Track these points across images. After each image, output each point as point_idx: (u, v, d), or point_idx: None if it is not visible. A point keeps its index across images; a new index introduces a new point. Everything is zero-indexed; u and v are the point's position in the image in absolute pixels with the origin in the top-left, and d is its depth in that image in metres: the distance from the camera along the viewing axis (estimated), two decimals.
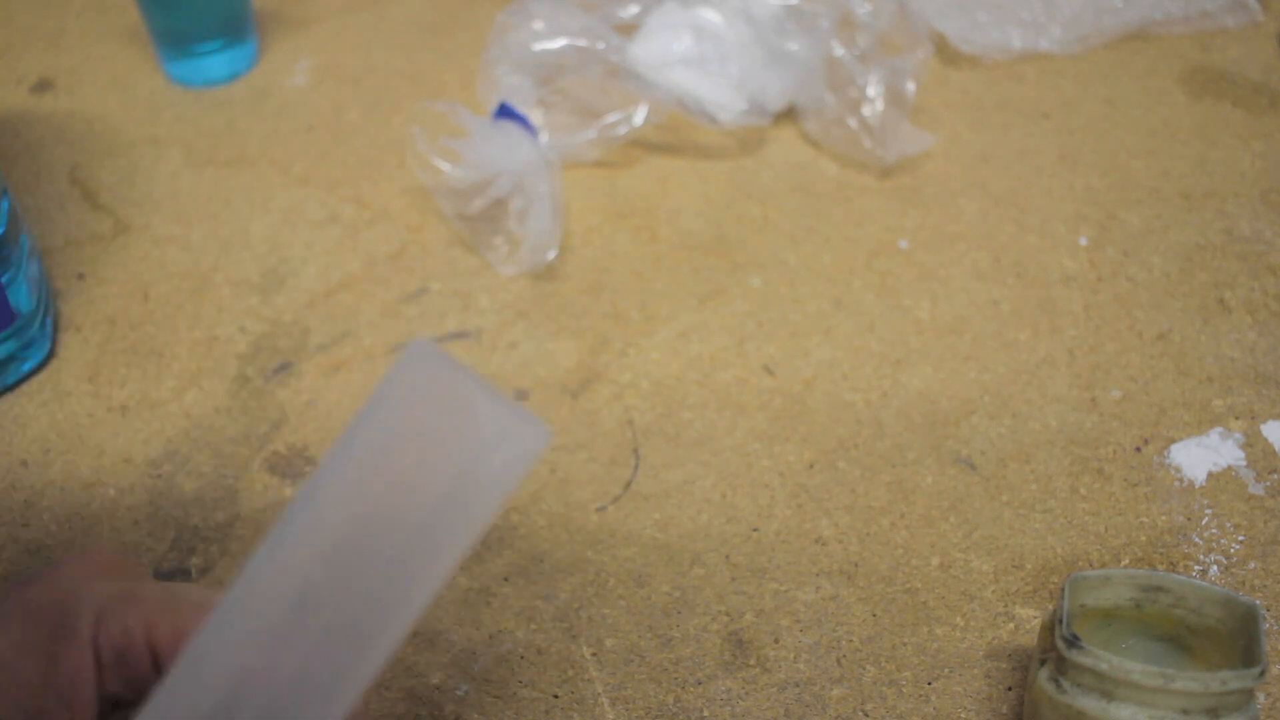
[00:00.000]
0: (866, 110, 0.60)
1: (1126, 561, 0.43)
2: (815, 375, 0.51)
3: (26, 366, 0.51)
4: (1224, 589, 0.36)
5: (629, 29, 0.63)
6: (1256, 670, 0.33)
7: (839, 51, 0.61)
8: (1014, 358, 0.51)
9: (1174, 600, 0.37)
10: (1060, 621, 0.35)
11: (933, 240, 0.57)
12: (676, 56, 0.60)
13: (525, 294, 0.54)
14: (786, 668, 0.40)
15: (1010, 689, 0.40)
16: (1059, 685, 0.35)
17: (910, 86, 0.61)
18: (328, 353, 0.52)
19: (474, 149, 0.55)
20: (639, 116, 0.59)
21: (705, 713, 0.39)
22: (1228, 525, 0.44)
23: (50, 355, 0.52)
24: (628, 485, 0.46)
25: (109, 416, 0.50)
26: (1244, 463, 0.47)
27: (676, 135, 0.63)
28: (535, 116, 0.58)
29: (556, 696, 0.40)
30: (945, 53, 0.68)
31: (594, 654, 0.41)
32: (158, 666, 0.29)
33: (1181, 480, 0.46)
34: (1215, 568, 0.43)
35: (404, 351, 0.23)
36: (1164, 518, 0.45)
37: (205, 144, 0.64)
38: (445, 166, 0.55)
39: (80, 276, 0.56)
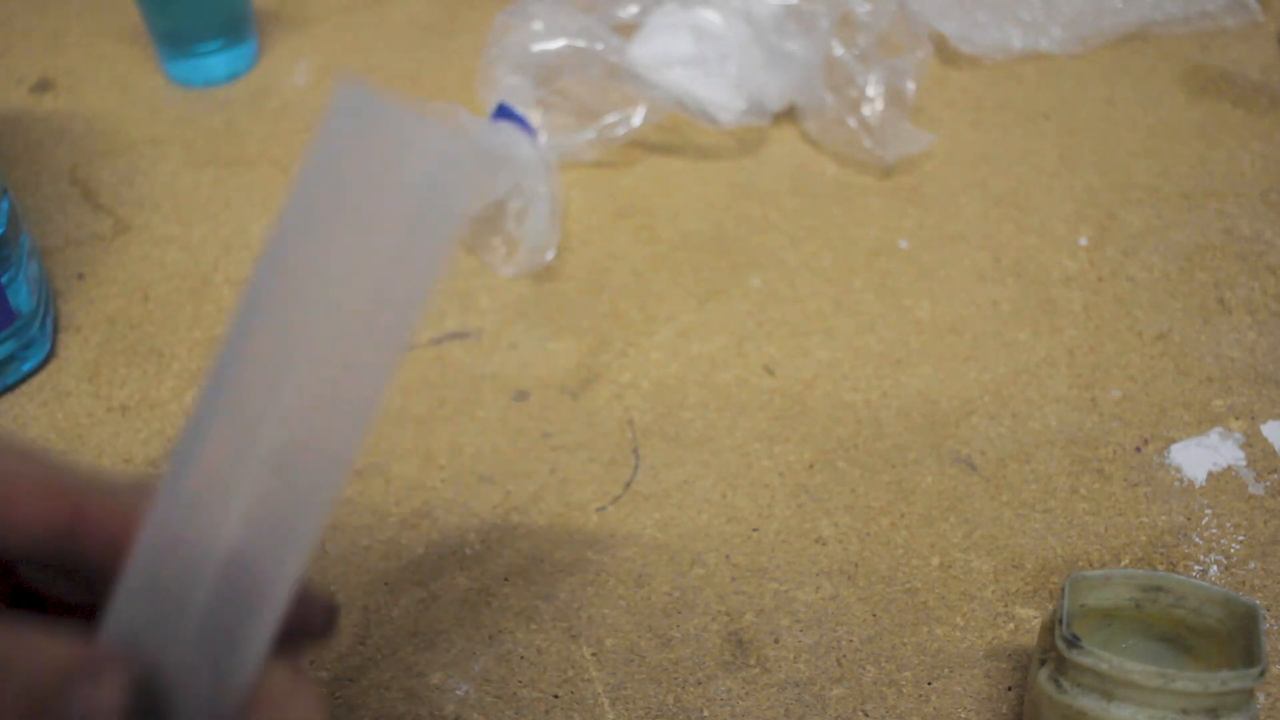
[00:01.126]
0: (866, 110, 0.60)
1: (1126, 561, 0.43)
2: (815, 375, 0.51)
3: (26, 366, 0.51)
4: (1224, 589, 0.36)
5: (628, 29, 0.63)
6: (1256, 670, 0.33)
7: (839, 51, 0.61)
8: (1014, 358, 0.51)
9: (1174, 600, 0.36)
10: (1060, 621, 0.35)
11: (933, 240, 0.57)
12: (676, 57, 0.60)
13: (525, 294, 0.54)
14: (786, 668, 0.40)
15: (1010, 689, 0.40)
16: (1059, 685, 0.35)
17: (910, 86, 0.61)
18: None
19: None
20: (638, 117, 0.59)
21: (705, 713, 0.39)
22: (1228, 525, 0.44)
23: (50, 355, 0.52)
24: (628, 485, 0.46)
25: (109, 416, 0.50)
26: (1244, 463, 0.47)
27: (676, 135, 0.63)
28: (534, 117, 0.58)
29: (556, 696, 0.40)
30: (945, 53, 0.68)
31: (594, 654, 0.41)
32: None
33: (1181, 480, 0.46)
34: (1215, 568, 0.43)
35: (330, 101, 0.22)
36: (1164, 518, 0.45)
37: (205, 144, 0.64)
38: None
39: (80, 276, 0.56)
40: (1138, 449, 0.47)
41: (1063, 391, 0.50)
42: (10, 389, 0.51)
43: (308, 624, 0.26)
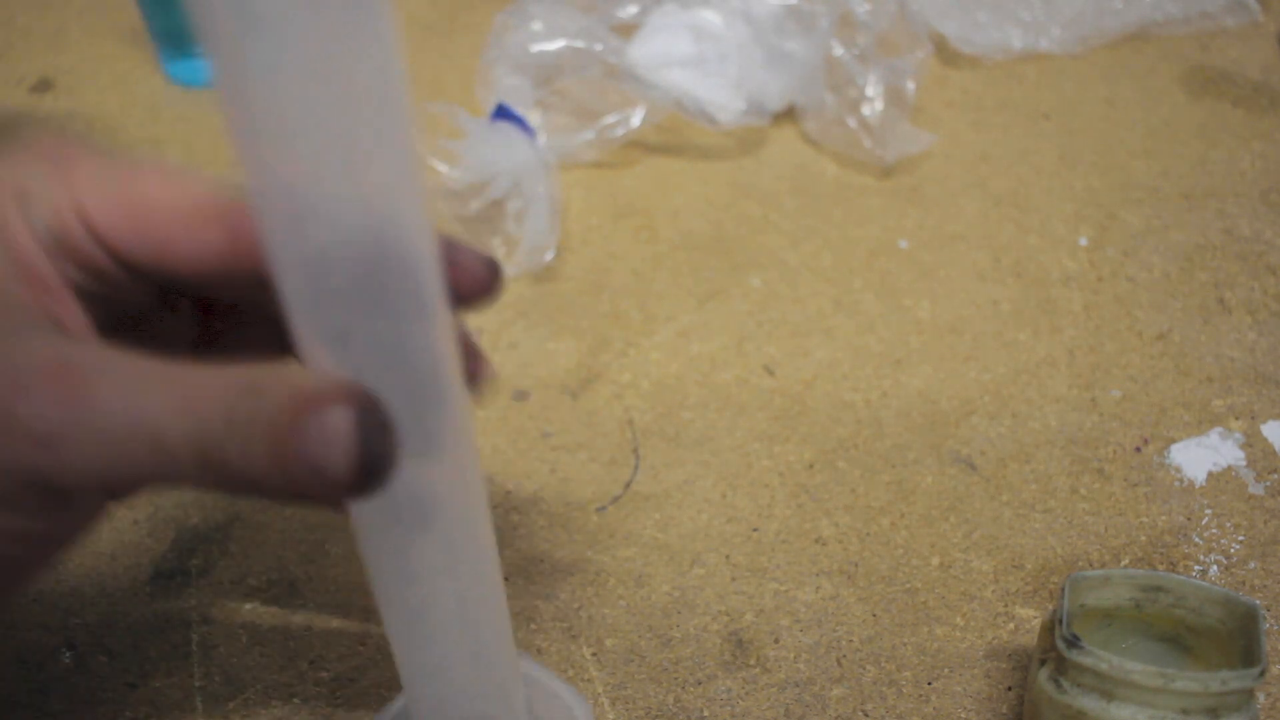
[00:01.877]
0: (866, 110, 0.60)
1: (1126, 561, 0.43)
2: (815, 375, 0.51)
3: None
4: (1224, 589, 0.36)
5: (628, 30, 0.63)
6: (1256, 670, 0.33)
7: (838, 51, 0.61)
8: (1014, 358, 0.51)
9: (1174, 600, 0.36)
10: (1060, 621, 0.35)
11: (933, 240, 0.57)
12: (675, 57, 0.60)
13: (525, 294, 0.54)
14: (786, 668, 0.40)
15: (1010, 689, 0.40)
16: (1059, 685, 0.35)
17: (910, 86, 0.61)
18: None
19: (471, 150, 0.55)
20: (637, 117, 0.59)
21: (705, 713, 0.39)
22: (1228, 525, 0.44)
23: None
24: (628, 485, 0.46)
25: None
26: (1244, 463, 0.47)
27: (676, 136, 0.63)
28: (533, 117, 0.58)
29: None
30: (945, 53, 0.68)
31: (594, 654, 0.41)
32: (104, 245, 0.27)
33: (1181, 480, 0.46)
34: (1215, 568, 0.43)
35: None
36: (1164, 518, 0.45)
37: (205, 144, 0.64)
38: (442, 168, 0.55)
39: None
40: (1138, 449, 0.47)
41: (1063, 391, 0.49)
42: None
43: (469, 281, 0.27)
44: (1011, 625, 0.42)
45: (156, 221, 0.26)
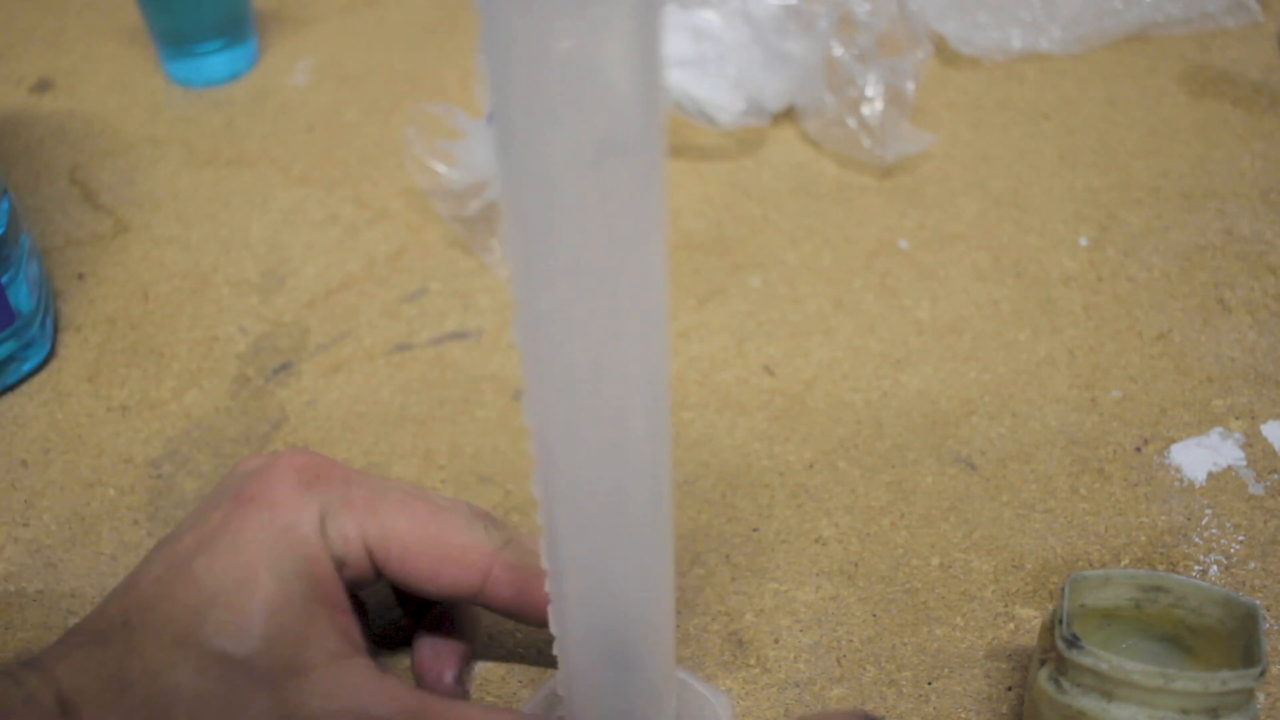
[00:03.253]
0: (866, 110, 0.60)
1: (1126, 561, 0.43)
2: (815, 375, 0.51)
3: (26, 366, 0.51)
4: (1224, 589, 0.36)
5: None
6: (1256, 670, 0.33)
7: (838, 51, 0.61)
8: (1014, 358, 0.51)
9: (1174, 600, 0.36)
10: (1060, 621, 0.35)
11: (933, 240, 0.57)
12: (675, 57, 0.60)
13: None
14: (786, 668, 0.40)
15: (1010, 689, 0.40)
16: (1059, 685, 0.35)
17: (910, 86, 0.61)
18: (328, 353, 0.52)
19: (470, 151, 0.55)
20: None
21: None
22: (1228, 525, 0.44)
23: (50, 355, 0.52)
24: None
25: (109, 416, 0.50)
26: (1244, 463, 0.47)
27: (675, 136, 0.63)
28: None
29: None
30: (945, 53, 0.68)
31: None
32: (374, 563, 0.33)
33: (1181, 480, 0.46)
34: (1215, 568, 0.43)
35: None
36: (1164, 518, 0.45)
37: (205, 144, 0.64)
38: (441, 169, 0.55)
39: (80, 276, 0.56)
40: (1138, 449, 0.47)
41: (1063, 391, 0.49)
42: (10, 389, 0.51)
43: None
44: (1011, 625, 0.42)
45: (425, 558, 0.33)
